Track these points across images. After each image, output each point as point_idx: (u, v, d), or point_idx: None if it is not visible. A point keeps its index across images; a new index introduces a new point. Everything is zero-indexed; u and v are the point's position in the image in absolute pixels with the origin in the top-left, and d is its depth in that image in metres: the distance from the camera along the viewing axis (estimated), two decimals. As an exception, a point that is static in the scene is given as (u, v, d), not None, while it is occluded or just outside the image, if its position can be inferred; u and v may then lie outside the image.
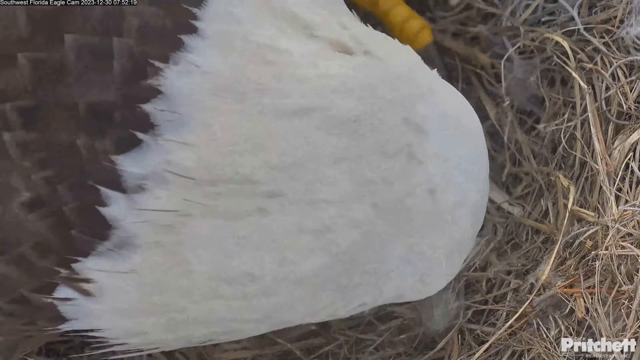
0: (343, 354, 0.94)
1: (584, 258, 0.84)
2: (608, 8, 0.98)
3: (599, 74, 0.94)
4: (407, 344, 0.92)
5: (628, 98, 0.90)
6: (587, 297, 0.81)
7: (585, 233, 0.85)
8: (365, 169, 0.68)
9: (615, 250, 0.80)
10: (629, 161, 0.87)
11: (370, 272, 0.71)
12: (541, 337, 0.82)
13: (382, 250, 0.71)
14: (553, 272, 0.85)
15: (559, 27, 1.00)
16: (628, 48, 0.94)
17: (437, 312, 0.90)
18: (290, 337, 0.95)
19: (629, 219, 0.81)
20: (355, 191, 0.68)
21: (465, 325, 0.89)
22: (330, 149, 0.67)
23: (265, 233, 0.67)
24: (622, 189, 0.85)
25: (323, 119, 0.66)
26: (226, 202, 0.65)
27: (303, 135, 0.66)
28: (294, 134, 0.66)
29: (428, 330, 0.91)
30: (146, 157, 0.64)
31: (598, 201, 0.87)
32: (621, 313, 0.78)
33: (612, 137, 0.90)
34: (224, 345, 0.95)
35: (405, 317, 0.94)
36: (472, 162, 0.74)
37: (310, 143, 0.66)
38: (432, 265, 0.74)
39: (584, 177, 0.91)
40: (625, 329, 0.77)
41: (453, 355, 0.88)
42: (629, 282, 0.79)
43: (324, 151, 0.67)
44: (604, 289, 0.80)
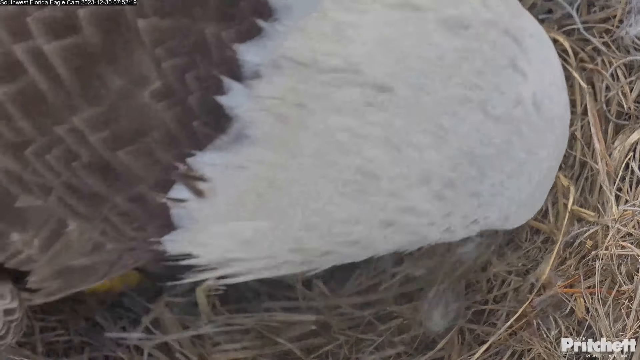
0: (343, 354, 0.94)
1: (584, 258, 0.84)
2: (607, 7, 0.98)
3: (599, 74, 0.94)
4: (407, 344, 0.92)
5: (628, 98, 0.90)
6: (587, 297, 0.81)
7: (586, 233, 0.85)
8: (473, 75, 0.68)
9: (615, 250, 0.80)
10: (629, 161, 0.87)
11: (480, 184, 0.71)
12: (541, 337, 0.82)
13: (491, 163, 0.71)
14: (553, 272, 0.85)
15: (555, 23, 1.00)
16: (627, 48, 0.94)
17: (436, 312, 0.90)
18: (291, 336, 0.95)
19: (629, 218, 0.81)
20: (465, 95, 0.68)
21: (466, 325, 0.89)
22: (441, 50, 0.67)
23: (380, 129, 0.66)
24: (622, 189, 0.85)
25: (436, 20, 0.67)
26: (338, 94, 0.65)
27: (416, 33, 0.66)
28: (408, 31, 0.66)
29: (428, 331, 0.91)
30: (265, 45, 0.64)
31: (598, 201, 0.87)
32: (621, 313, 0.78)
33: (612, 137, 0.90)
34: (224, 345, 0.95)
35: (405, 317, 0.94)
36: (559, 89, 0.75)
37: (423, 41, 0.67)
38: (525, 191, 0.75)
39: (584, 177, 0.91)
40: (625, 328, 0.77)
41: (453, 355, 0.88)
42: (629, 282, 0.79)
43: (434, 51, 0.67)
44: (604, 288, 0.80)
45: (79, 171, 0.65)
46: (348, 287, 1.05)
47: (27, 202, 0.67)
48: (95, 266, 0.71)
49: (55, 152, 0.65)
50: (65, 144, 0.64)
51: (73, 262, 0.70)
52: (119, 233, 0.69)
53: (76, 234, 0.69)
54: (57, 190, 0.66)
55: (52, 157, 0.65)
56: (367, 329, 0.96)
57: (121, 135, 0.64)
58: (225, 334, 0.97)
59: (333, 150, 0.67)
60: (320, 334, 0.96)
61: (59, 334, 0.94)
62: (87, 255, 0.70)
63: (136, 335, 0.96)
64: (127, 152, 0.65)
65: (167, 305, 0.99)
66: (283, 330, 0.96)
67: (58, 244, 0.69)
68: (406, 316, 0.94)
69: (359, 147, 0.67)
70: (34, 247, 0.69)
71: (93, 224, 0.68)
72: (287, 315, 0.98)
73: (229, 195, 0.68)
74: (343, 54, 0.65)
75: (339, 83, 0.65)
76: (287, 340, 0.95)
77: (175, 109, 0.64)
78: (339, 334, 0.95)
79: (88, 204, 0.67)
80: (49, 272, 0.71)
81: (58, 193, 0.66)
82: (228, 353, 0.95)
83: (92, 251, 0.70)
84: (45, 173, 0.66)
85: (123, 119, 0.64)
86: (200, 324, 0.98)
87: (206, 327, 0.97)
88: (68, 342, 0.94)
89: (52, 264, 0.70)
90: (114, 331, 0.98)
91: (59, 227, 0.68)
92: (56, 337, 0.94)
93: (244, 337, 0.96)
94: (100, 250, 0.70)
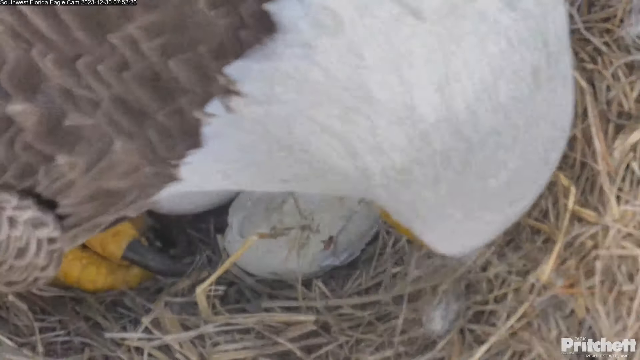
0: (343, 354, 0.94)
1: (585, 258, 0.84)
2: (608, 7, 0.98)
3: (600, 74, 0.94)
4: (407, 344, 0.92)
5: (629, 98, 0.90)
6: (588, 297, 0.81)
7: (586, 233, 0.85)
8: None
9: (615, 250, 0.80)
10: (630, 161, 0.87)
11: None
12: (542, 337, 0.82)
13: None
14: (554, 272, 0.85)
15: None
16: (628, 47, 0.94)
17: (437, 312, 0.90)
18: (290, 337, 0.95)
19: (629, 219, 0.81)
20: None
21: (466, 325, 0.89)
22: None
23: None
24: (623, 189, 0.85)
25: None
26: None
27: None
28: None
29: (428, 331, 0.91)
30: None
31: (598, 201, 0.87)
32: (621, 313, 0.78)
33: (613, 137, 0.90)
34: (224, 345, 0.95)
35: (405, 317, 0.94)
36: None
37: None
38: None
39: (585, 177, 0.91)
40: (625, 329, 0.77)
41: (453, 355, 0.88)
42: (629, 282, 0.79)
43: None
44: (604, 289, 0.80)
45: (129, 82, 0.65)
46: (348, 287, 1.06)
47: (76, 121, 0.67)
48: (130, 189, 0.71)
49: (108, 62, 0.65)
50: (118, 53, 0.65)
51: (110, 183, 0.70)
52: (154, 154, 0.69)
53: (121, 153, 0.68)
54: (105, 104, 0.66)
55: (104, 67, 0.65)
56: (367, 329, 0.96)
57: (174, 43, 0.64)
58: (225, 334, 0.97)
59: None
60: (320, 334, 0.96)
61: (59, 334, 0.95)
62: (124, 178, 0.70)
63: (136, 335, 0.96)
64: (178, 60, 0.65)
65: (167, 305, 0.99)
66: (283, 330, 0.96)
67: (103, 163, 0.69)
68: (406, 316, 0.94)
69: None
70: (78, 170, 0.68)
71: (136, 143, 0.68)
72: (287, 315, 0.98)
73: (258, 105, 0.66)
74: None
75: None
76: (287, 340, 0.95)
77: (227, 18, 0.64)
78: (339, 334, 0.95)
79: (133, 121, 0.67)
80: (84, 194, 0.70)
81: (106, 107, 0.66)
82: (228, 353, 0.95)
83: (130, 173, 0.69)
84: (95, 86, 0.66)
85: (177, 27, 0.64)
86: (200, 324, 0.98)
87: (206, 327, 0.97)
88: (68, 342, 0.95)
89: (90, 186, 0.69)
90: (114, 331, 0.98)
91: (106, 146, 0.68)
92: (56, 337, 0.94)
93: (244, 337, 0.96)
94: (137, 172, 0.69)
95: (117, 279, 1.01)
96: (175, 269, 1.03)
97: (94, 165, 0.69)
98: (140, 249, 0.99)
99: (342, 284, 1.05)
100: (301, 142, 0.68)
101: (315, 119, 0.67)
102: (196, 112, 0.67)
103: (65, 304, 1.00)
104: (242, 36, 0.64)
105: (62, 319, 0.97)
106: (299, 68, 0.65)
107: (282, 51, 0.64)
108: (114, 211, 0.73)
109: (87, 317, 1.00)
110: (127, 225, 1.00)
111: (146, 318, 0.98)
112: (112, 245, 0.98)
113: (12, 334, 0.90)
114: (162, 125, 0.67)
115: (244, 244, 1.00)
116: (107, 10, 0.63)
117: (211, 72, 0.65)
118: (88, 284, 0.99)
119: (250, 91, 0.66)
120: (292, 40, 0.64)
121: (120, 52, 0.65)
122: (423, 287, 0.97)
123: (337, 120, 0.66)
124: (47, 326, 0.96)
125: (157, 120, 0.67)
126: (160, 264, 1.01)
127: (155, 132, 0.68)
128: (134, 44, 0.64)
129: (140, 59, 0.65)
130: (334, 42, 0.64)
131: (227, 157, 0.70)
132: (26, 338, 0.91)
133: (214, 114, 0.67)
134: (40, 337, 0.92)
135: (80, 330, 0.97)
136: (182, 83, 0.66)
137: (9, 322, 0.92)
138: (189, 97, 0.66)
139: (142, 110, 0.67)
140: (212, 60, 0.65)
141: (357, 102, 0.65)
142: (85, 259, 0.99)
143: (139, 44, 0.64)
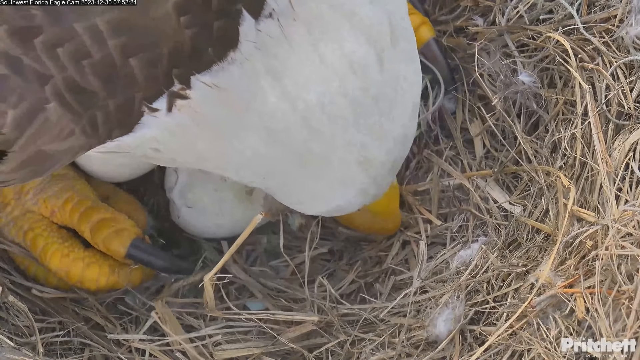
0: (344, 353, 0.94)
1: (584, 258, 0.84)
2: (607, 7, 0.98)
3: (599, 74, 0.94)
4: (407, 344, 0.92)
5: (628, 98, 0.90)
6: (587, 297, 0.81)
7: (586, 233, 0.84)
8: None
9: (615, 250, 0.79)
10: (629, 161, 0.87)
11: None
12: (541, 337, 0.82)
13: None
14: (553, 272, 0.85)
15: (558, 24, 1.00)
16: (628, 47, 0.94)
17: (437, 313, 0.90)
18: (292, 336, 0.95)
19: (629, 219, 0.81)
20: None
21: (466, 325, 0.89)
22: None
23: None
24: (622, 189, 0.85)
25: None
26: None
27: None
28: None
29: (429, 331, 0.90)
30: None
31: (598, 201, 0.87)
32: (621, 313, 0.78)
33: (612, 137, 0.90)
34: (224, 345, 0.95)
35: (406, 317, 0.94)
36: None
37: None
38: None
39: (584, 177, 0.91)
40: (625, 328, 0.77)
41: (454, 355, 0.88)
42: (629, 282, 0.78)
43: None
44: (604, 288, 0.80)
45: (87, 69, 0.67)
46: (349, 287, 1.06)
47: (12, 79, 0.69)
48: (65, 153, 0.73)
49: (68, 47, 0.67)
50: (81, 40, 0.66)
51: (47, 146, 0.71)
52: (94, 130, 0.71)
53: (56, 115, 0.70)
54: (56, 81, 0.68)
55: (63, 50, 0.67)
56: (367, 329, 0.96)
57: (138, 42, 0.67)
58: (226, 334, 0.96)
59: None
60: (321, 334, 0.96)
61: (59, 335, 0.94)
62: (61, 140, 0.71)
63: (137, 336, 0.96)
64: (139, 59, 0.67)
65: (168, 305, 0.99)
66: (284, 330, 0.96)
67: (37, 122, 0.70)
68: (407, 317, 0.94)
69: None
70: (7, 122, 0.70)
71: (77, 116, 0.70)
72: (288, 314, 0.98)
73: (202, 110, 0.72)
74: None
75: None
76: (288, 339, 0.95)
77: (193, 29, 0.67)
78: (339, 333, 0.95)
79: (80, 99, 0.69)
80: (20, 159, 0.72)
81: (56, 85, 0.68)
82: (230, 352, 0.95)
83: (66, 137, 0.71)
84: (49, 64, 0.67)
85: (143, 28, 0.67)
86: (201, 324, 0.98)
87: (207, 327, 0.97)
88: (68, 342, 0.95)
89: (27, 149, 0.71)
90: (115, 332, 0.98)
91: (39, 103, 0.70)
92: (56, 337, 0.94)
93: (245, 337, 0.96)
94: (72, 137, 0.71)
95: (120, 278, 1.01)
96: (180, 266, 1.03)
97: (29, 122, 0.70)
98: (144, 246, 0.99)
99: (342, 284, 1.05)
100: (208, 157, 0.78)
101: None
102: (144, 107, 0.71)
103: (66, 305, 1.00)
104: (207, 51, 0.68)
105: (62, 319, 0.97)
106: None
107: (233, 73, 0.70)
108: (51, 167, 0.75)
109: (87, 318, 1.00)
110: (131, 224, 1.00)
111: (147, 318, 0.98)
112: (115, 243, 0.98)
113: (12, 334, 0.90)
114: (109, 110, 0.70)
115: (250, 224, 0.94)
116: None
117: (169, 76, 0.69)
118: (90, 283, 0.99)
119: (194, 95, 0.70)
120: (247, 66, 0.70)
121: (83, 39, 0.67)
122: (423, 287, 0.98)
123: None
124: (47, 326, 0.96)
125: (107, 107, 0.70)
126: (165, 262, 1.01)
127: (102, 115, 0.70)
128: (97, 35, 0.66)
129: (102, 51, 0.67)
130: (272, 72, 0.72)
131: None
132: (26, 338, 0.91)
133: (157, 109, 0.71)
134: (40, 338, 0.91)
135: (80, 330, 0.97)
136: (138, 80, 0.68)
137: (9, 322, 0.92)
138: (142, 94, 0.70)
139: (94, 92, 0.69)
140: (170, 65, 0.68)
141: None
142: (88, 259, 0.99)
143: (103, 35, 0.66)
